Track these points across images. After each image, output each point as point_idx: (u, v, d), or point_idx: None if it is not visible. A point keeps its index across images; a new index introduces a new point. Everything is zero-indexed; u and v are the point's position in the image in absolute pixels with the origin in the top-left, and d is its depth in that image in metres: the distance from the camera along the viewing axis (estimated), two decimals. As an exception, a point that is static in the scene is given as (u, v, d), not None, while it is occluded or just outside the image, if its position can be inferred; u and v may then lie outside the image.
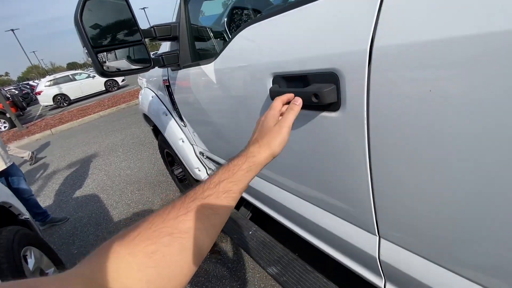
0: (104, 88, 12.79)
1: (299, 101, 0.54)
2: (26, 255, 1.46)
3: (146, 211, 2.40)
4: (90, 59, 0.93)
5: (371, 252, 0.69)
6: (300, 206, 0.91)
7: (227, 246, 1.77)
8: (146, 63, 1.06)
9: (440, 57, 0.38)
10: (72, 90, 12.13)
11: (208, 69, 1.00)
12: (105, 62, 1.03)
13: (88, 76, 12.71)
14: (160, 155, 2.43)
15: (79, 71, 14.09)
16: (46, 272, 1.57)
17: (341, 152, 0.61)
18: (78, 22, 0.85)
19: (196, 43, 1.20)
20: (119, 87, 13.09)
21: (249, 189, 1.22)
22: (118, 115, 7.06)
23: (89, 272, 0.29)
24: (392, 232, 0.62)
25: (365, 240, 0.70)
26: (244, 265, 1.60)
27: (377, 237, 0.66)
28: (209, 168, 1.63)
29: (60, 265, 1.68)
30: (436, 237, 0.53)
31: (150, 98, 1.80)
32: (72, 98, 12.13)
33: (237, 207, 1.67)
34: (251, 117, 0.87)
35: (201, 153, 1.55)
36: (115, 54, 1.10)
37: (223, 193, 0.38)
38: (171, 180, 2.82)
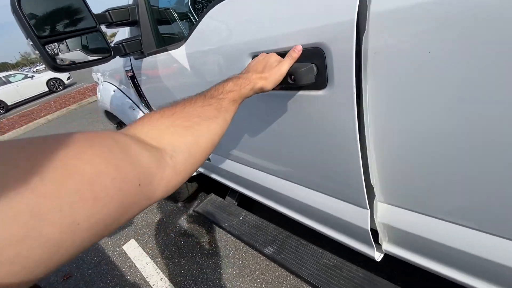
0: (47, 89, 11.41)
1: (298, 48, 0.55)
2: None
3: (122, 214, 2.26)
4: (37, 52, 0.80)
5: (363, 225, 0.72)
6: (290, 189, 0.91)
7: (217, 237, 1.76)
8: (105, 52, 0.95)
9: (435, 18, 0.38)
10: (8, 94, 10.60)
11: (178, 54, 0.92)
12: (57, 54, 0.91)
13: (26, 77, 11.20)
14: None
15: (12, 72, 12.32)
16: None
17: (330, 132, 0.61)
18: (17, 8, 0.72)
19: (159, 27, 1.10)
20: (65, 86, 11.79)
21: (235, 178, 1.20)
22: (69, 117, 6.41)
23: (139, 133, 0.36)
24: (388, 195, 0.65)
25: (357, 215, 0.73)
26: (237, 251, 1.60)
27: (368, 210, 0.70)
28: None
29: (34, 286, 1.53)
30: (426, 192, 0.56)
31: (112, 93, 1.64)
32: (9, 103, 10.63)
33: (222, 196, 1.64)
34: None
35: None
36: (66, 44, 0.97)
37: (232, 100, 0.49)
38: (144, 178, 2.67)
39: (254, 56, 0.66)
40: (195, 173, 1.63)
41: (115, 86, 1.63)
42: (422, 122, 0.48)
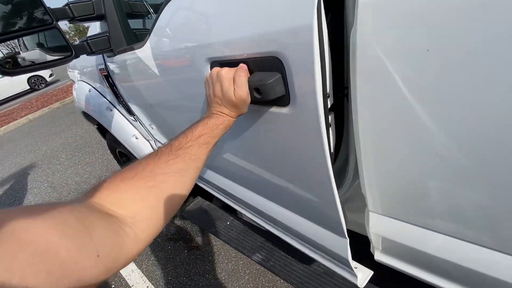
0: (28, 87, 10.94)
1: (243, 67, 0.50)
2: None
3: (107, 219, 2.17)
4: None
5: (343, 255, 0.67)
6: (270, 207, 0.85)
7: (205, 240, 1.70)
8: (65, 51, 0.85)
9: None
10: (-14, 93, 10.15)
11: (142, 54, 0.84)
12: (19, 53, 0.81)
13: (4, 75, 10.71)
14: (112, 156, 2.17)
15: (-10, 69, 11.73)
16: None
17: (299, 152, 0.54)
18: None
19: (131, 21, 1.00)
20: (47, 84, 11.34)
21: (217, 188, 1.13)
22: (52, 117, 6.15)
23: (98, 199, 0.34)
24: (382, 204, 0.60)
25: (336, 243, 0.67)
26: (226, 256, 1.55)
27: (347, 240, 0.64)
28: (172, 163, 1.49)
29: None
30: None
31: (88, 93, 1.53)
32: (-13, 103, 10.19)
33: (209, 199, 1.58)
34: (198, 111, 0.75)
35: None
36: (23, 43, 0.87)
37: (203, 144, 0.47)
38: (130, 180, 2.58)
39: (213, 62, 0.59)
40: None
41: (91, 86, 1.53)
42: (418, 129, 0.42)
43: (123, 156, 2.04)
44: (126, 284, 1.57)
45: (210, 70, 0.60)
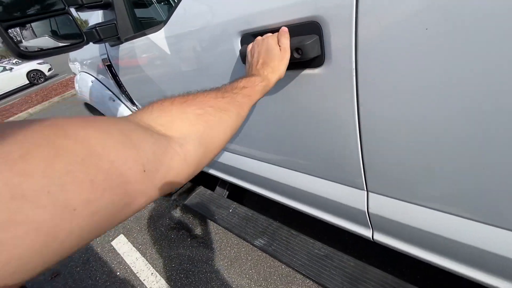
0: (27, 81, 10.91)
1: (284, 30, 0.52)
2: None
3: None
4: (-1, 38, 0.72)
5: (360, 207, 0.70)
6: (286, 176, 0.88)
7: (207, 229, 1.73)
8: (77, 38, 0.87)
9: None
10: (-15, 88, 10.11)
11: (158, 37, 0.85)
12: (20, 42, 0.82)
13: (4, 69, 10.66)
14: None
15: (-12, 64, 11.69)
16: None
17: (328, 111, 0.57)
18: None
19: (136, 10, 1.02)
20: (47, 78, 11.30)
21: (228, 169, 1.16)
22: (52, 111, 6.16)
23: (147, 119, 0.33)
24: (380, 184, 0.63)
25: (354, 197, 0.70)
26: (228, 243, 1.59)
27: (366, 192, 0.67)
28: (175, 153, 1.51)
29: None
30: (421, 182, 0.54)
31: (90, 84, 1.54)
32: (-13, 97, 10.16)
33: (212, 187, 1.61)
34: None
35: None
36: (32, 30, 0.88)
37: (247, 95, 0.46)
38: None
39: (244, 35, 0.61)
40: (182, 166, 1.58)
41: (93, 77, 1.54)
42: (415, 108, 0.44)
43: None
44: (131, 271, 1.61)
45: (241, 43, 0.62)
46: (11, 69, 10.61)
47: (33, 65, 11.15)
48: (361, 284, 0.88)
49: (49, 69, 11.37)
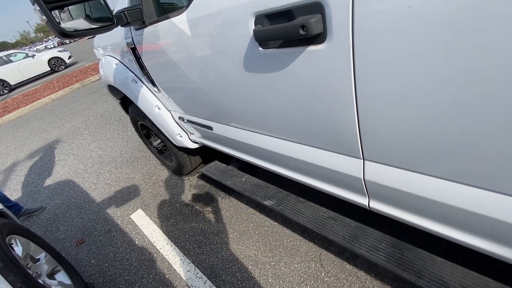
0: (48, 68, 11.34)
1: None
2: (12, 244, 1.41)
3: (129, 187, 2.37)
4: (44, 17, 0.83)
5: (356, 175, 0.78)
6: (287, 148, 0.96)
7: (219, 205, 1.85)
8: (107, 21, 0.97)
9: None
10: (11, 74, 10.56)
11: (180, 20, 0.94)
12: (59, 23, 0.93)
13: (27, 56, 11.10)
14: (133, 130, 2.33)
15: (13, 51, 12.17)
16: (37, 257, 1.54)
17: (328, 84, 0.65)
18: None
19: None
20: (67, 66, 11.70)
21: (236, 144, 1.25)
22: (73, 96, 6.44)
23: None
24: (376, 152, 0.70)
25: (350, 165, 0.78)
26: (238, 219, 1.70)
27: (362, 160, 0.74)
28: (191, 133, 1.62)
29: (49, 249, 1.65)
30: (415, 150, 0.61)
31: (114, 66, 1.66)
32: (12, 83, 10.63)
33: (227, 162, 1.72)
34: (235, 65, 0.86)
35: (181, 118, 1.52)
36: (69, 13, 0.99)
37: None
38: (148, 154, 2.75)
39: (258, 16, 0.68)
40: (198, 146, 1.69)
41: (117, 60, 1.65)
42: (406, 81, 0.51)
43: (144, 129, 2.19)
44: (149, 241, 1.75)
45: (255, 24, 0.70)
46: (33, 56, 11.04)
47: (54, 53, 11.56)
48: (361, 239, 0.96)
49: (69, 57, 11.75)
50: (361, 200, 0.85)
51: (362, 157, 0.73)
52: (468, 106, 0.47)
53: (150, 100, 1.55)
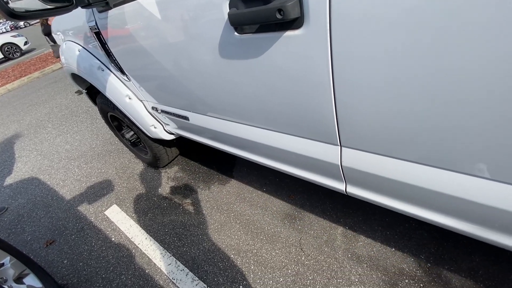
0: (1, 55, 10.25)
1: None
2: (-30, 250, 1.29)
3: (102, 182, 2.25)
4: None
5: (334, 161, 0.79)
6: (264, 136, 0.95)
7: (199, 197, 1.82)
8: (65, 1, 0.88)
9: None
10: (-45, 62, 9.42)
11: (149, 2, 0.87)
12: (7, 2, 0.82)
13: (-26, 42, 9.92)
14: (102, 122, 2.19)
15: (-44, 36, 10.80)
16: (1, 262, 1.43)
17: (306, 71, 0.64)
18: None
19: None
20: (23, 52, 10.64)
21: (213, 134, 1.22)
22: (32, 87, 5.90)
23: None
24: (353, 139, 0.71)
25: (328, 152, 0.79)
26: (218, 209, 1.69)
27: (339, 147, 0.76)
28: (166, 124, 1.55)
29: (15, 252, 1.54)
30: (391, 136, 0.63)
31: (77, 53, 1.53)
32: (-42, 72, 9.50)
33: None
34: (210, 52, 0.82)
35: (154, 108, 1.45)
36: (20, -9, 0.88)
37: None
38: (121, 147, 2.62)
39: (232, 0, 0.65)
40: (174, 137, 1.63)
41: (80, 45, 1.52)
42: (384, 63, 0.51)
43: (115, 120, 2.07)
44: (126, 237, 1.69)
45: (229, 6, 0.66)
46: (-18, 42, 9.91)
47: (7, 38, 10.43)
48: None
49: (25, 43, 10.68)
50: (338, 185, 0.87)
51: (339, 144, 0.74)
52: (440, 95, 0.48)
53: (119, 90, 1.45)
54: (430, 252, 1.19)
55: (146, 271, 1.46)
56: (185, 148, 2.21)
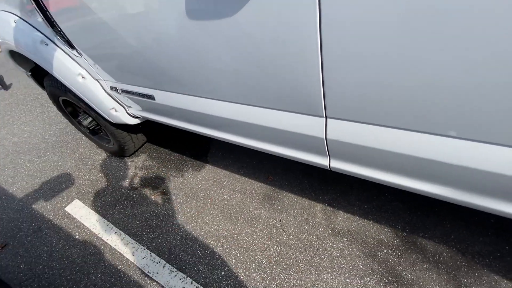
0: None
1: None
2: None
3: (59, 176, 2.02)
4: None
5: (319, 135, 0.74)
6: (245, 113, 0.88)
7: (172, 185, 1.71)
8: None
9: None
10: None
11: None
12: None
13: None
14: (56, 110, 1.94)
15: None
16: None
17: (290, 35, 0.56)
18: None
19: None
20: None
21: (183, 113, 1.11)
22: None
23: None
24: (339, 108, 0.66)
25: (312, 125, 0.74)
26: (194, 196, 1.60)
27: (324, 118, 0.71)
28: (128, 106, 1.39)
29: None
30: (381, 101, 0.58)
31: (13, 25, 1.28)
32: None
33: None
34: (176, 16, 0.70)
35: (113, 88, 1.28)
36: None
37: None
38: (80, 136, 2.37)
39: None
40: (139, 121, 1.48)
41: (16, 15, 1.28)
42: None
43: (69, 106, 1.84)
44: (92, 233, 1.54)
45: None
46: None
47: None
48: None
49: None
50: (321, 161, 0.83)
51: (324, 115, 0.69)
52: (422, 63, 0.44)
53: (69, 67, 1.25)
54: (405, 222, 1.24)
55: (118, 267, 1.34)
56: (154, 134, 2.05)
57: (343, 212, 1.34)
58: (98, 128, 1.92)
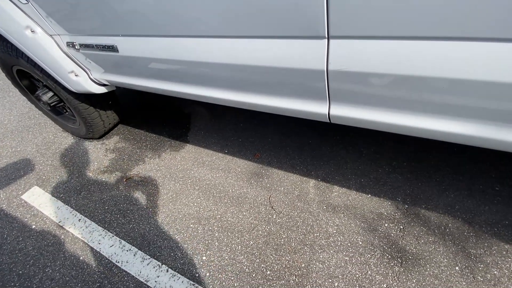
0: None
1: None
2: None
3: (17, 163, 1.77)
4: None
5: (318, 67, 0.60)
6: (224, 52, 0.72)
7: (148, 167, 1.52)
8: None
9: None
10: None
11: None
12: None
13: None
14: (18, 94, 1.69)
15: None
16: None
17: None
18: None
19: None
20: None
21: (155, 65, 0.94)
22: None
23: None
24: (345, 20, 0.52)
25: (312, 53, 0.59)
26: (172, 178, 1.42)
27: (326, 40, 0.56)
28: (90, 69, 1.19)
29: None
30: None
31: None
32: None
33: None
34: None
35: (70, 44, 1.08)
36: None
37: None
38: (44, 121, 2.11)
39: None
40: (106, 89, 1.28)
41: None
42: None
43: (24, 78, 1.60)
44: (52, 221, 1.33)
45: None
46: None
47: None
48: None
49: None
50: (320, 109, 0.69)
51: (326, 35, 0.55)
52: None
53: (13, 18, 1.04)
54: (406, 194, 1.13)
55: (80, 258, 1.15)
56: (127, 112, 1.84)
57: (338, 187, 1.21)
58: (62, 105, 1.69)
